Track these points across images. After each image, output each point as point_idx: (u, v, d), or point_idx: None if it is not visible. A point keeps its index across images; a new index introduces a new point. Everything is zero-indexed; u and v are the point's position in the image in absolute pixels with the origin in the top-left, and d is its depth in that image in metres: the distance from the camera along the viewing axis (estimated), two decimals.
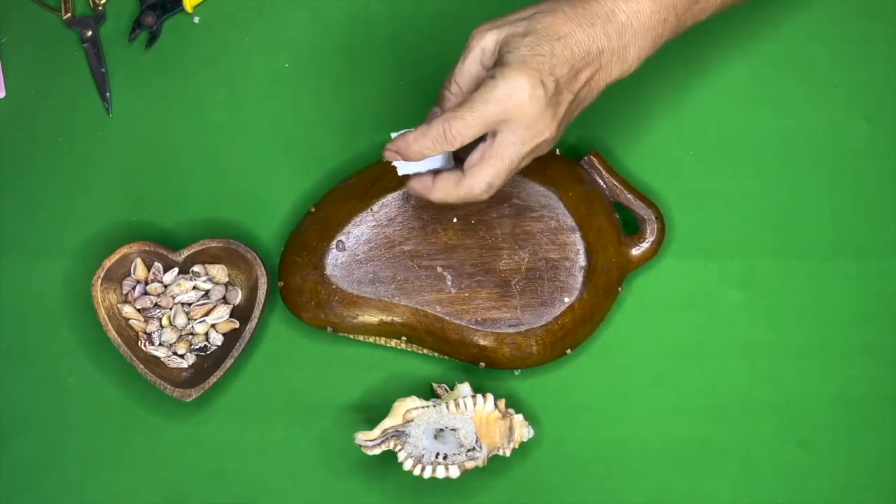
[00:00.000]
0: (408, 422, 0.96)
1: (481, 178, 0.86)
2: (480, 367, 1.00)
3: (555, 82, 0.84)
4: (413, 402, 0.97)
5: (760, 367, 1.02)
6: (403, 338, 1.00)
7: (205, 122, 1.07)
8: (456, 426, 0.96)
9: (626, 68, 0.88)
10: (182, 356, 1.02)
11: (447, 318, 0.99)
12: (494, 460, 0.99)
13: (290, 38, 1.08)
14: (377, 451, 0.95)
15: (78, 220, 1.05)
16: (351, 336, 1.02)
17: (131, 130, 1.07)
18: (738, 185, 1.06)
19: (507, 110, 0.83)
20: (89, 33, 1.09)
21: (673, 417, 1.02)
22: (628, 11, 0.86)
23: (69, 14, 1.09)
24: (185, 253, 1.02)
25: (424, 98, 1.07)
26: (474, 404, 0.96)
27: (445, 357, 1.02)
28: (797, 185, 1.05)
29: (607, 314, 1.02)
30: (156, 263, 1.02)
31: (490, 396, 0.96)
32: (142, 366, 0.99)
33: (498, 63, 0.85)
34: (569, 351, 1.01)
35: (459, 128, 0.84)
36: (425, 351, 1.02)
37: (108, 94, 1.08)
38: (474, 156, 0.87)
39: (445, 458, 0.95)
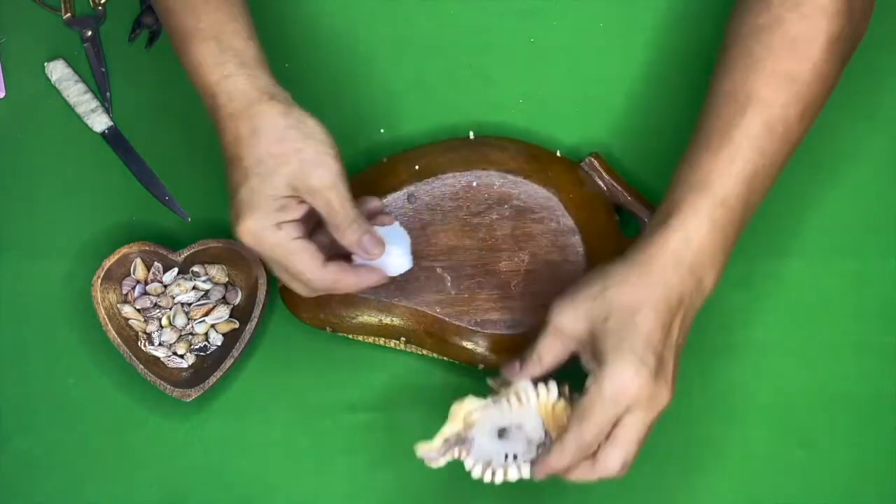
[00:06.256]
0: (469, 425, 0.88)
1: (615, 459, 0.86)
2: (480, 368, 1.00)
3: (653, 354, 0.84)
4: (472, 402, 0.88)
5: (761, 367, 1.02)
6: (402, 338, 1.00)
7: (204, 121, 1.07)
8: (521, 422, 0.89)
9: (707, 294, 0.87)
10: (182, 356, 1.02)
11: (446, 319, 0.99)
12: None
13: (290, 38, 1.08)
14: (442, 462, 0.88)
15: (78, 220, 1.05)
16: (350, 336, 1.02)
17: (131, 130, 1.07)
18: None
19: (623, 404, 0.84)
20: (89, 33, 1.09)
21: (673, 417, 1.01)
22: (693, 250, 0.86)
23: (69, 14, 1.09)
24: (185, 253, 1.02)
25: (425, 98, 1.07)
26: (537, 396, 0.88)
27: (445, 358, 1.02)
28: (796, 185, 1.05)
29: None
30: (156, 263, 1.02)
31: (553, 384, 0.88)
32: (142, 366, 1.00)
33: (593, 359, 0.85)
34: None
35: (588, 439, 0.84)
36: (424, 352, 1.01)
37: (108, 93, 1.08)
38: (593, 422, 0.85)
39: (516, 458, 0.89)
